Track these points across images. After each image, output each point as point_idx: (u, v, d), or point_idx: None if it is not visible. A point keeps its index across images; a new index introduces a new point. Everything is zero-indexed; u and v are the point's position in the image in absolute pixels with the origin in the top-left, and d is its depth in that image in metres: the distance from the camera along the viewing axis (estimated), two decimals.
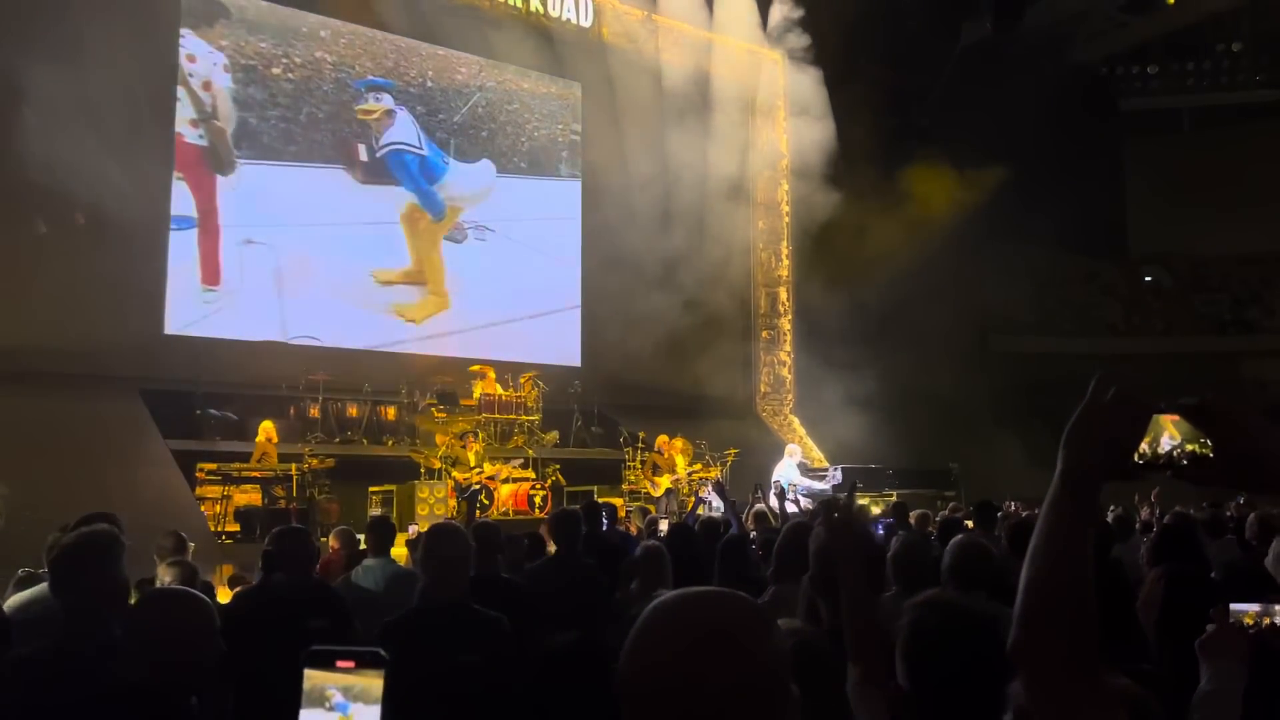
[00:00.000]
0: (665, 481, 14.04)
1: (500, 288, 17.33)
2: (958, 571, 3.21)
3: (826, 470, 14.54)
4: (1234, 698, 2.23)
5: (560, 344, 17.95)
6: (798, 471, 13.27)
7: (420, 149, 16.90)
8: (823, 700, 1.78)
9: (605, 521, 6.91)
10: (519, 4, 17.12)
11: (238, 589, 5.09)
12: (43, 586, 3.27)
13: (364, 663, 1.13)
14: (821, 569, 2.61)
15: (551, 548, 5.27)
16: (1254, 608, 2.50)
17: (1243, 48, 26.50)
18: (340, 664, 1.13)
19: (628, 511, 11.32)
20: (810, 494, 12.63)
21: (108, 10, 12.96)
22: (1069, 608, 1.16)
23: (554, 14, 17.54)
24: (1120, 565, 4.46)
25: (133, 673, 2.26)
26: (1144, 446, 1.20)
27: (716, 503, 13.18)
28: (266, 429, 12.25)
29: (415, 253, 16.73)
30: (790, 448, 14.14)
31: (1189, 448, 1.19)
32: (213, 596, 4.85)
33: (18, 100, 11.76)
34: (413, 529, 8.53)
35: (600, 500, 10.14)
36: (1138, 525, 7.62)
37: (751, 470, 14.68)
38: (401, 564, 5.48)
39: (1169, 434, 1.20)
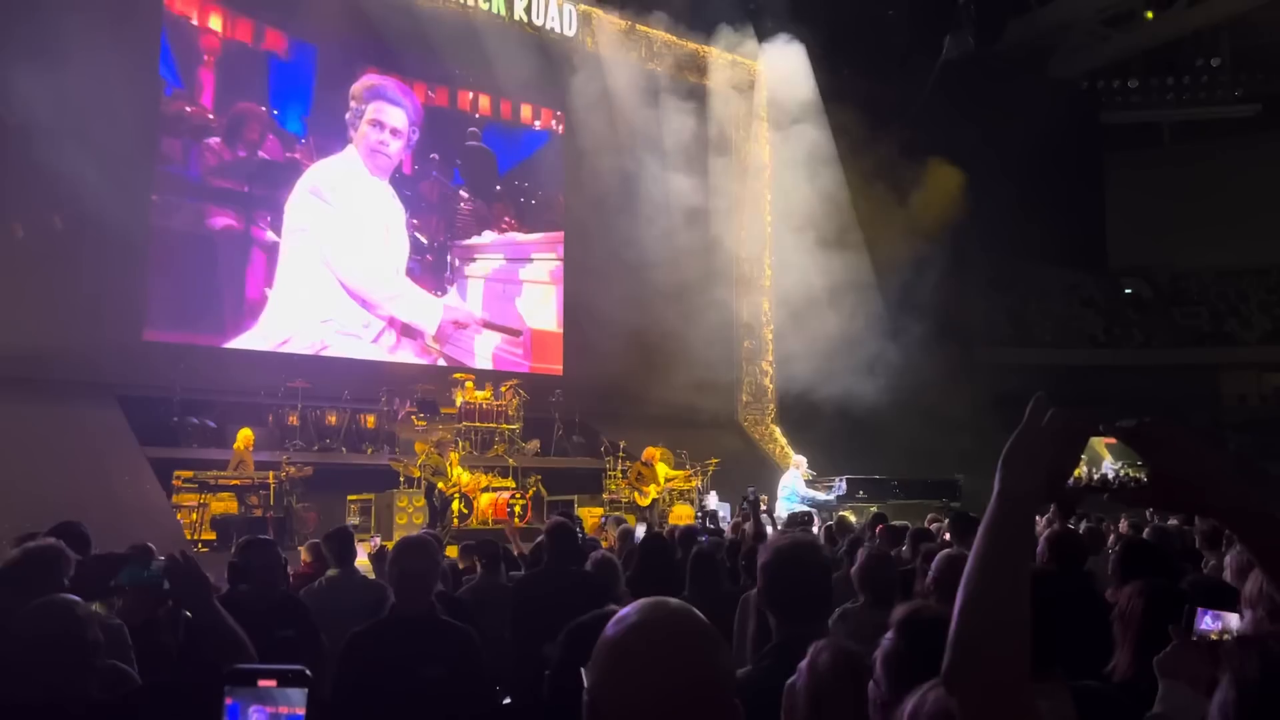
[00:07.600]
0: (653, 492, 13.93)
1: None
2: (944, 584, 3.23)
3: (833, 481, 14.39)
4: None
5: (541, 352, 17.97)
6: (803, 483, 13.26)
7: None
8: None
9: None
10: (502, 11, 17.07)
11: None
12: None
13: (286, 681, 1.12)
14: (769, 584, 2.57)
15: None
16: (1217, 623, 2.44)
17: (1222, 63, 26.81)
18: (262, 683, 1.11)
19: (603, 519, 11.21)
20: (814, 504, 12.67)
21: (88, 8, 12.84)
22: (1003, 632, 1.14)
23: (538, 22, 17.50)
24: (1091, 579, 4.46)
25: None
26: (1080, 469, 1.20)
27: (722, 512, 13.17)
28: (245, 437, 12.12)
29: None
30: (796, 459, 14.05)
31: (1125, 471, 1.19)
32: None
33: None
34: (374, 541, 8.43)
35: (577, 511, 10.09)
36: (1110, 538, 7.62)
37: (735, 480, 14.64)
38: (366, 575, 5.46)
39: (1105, 457, 1.20)
